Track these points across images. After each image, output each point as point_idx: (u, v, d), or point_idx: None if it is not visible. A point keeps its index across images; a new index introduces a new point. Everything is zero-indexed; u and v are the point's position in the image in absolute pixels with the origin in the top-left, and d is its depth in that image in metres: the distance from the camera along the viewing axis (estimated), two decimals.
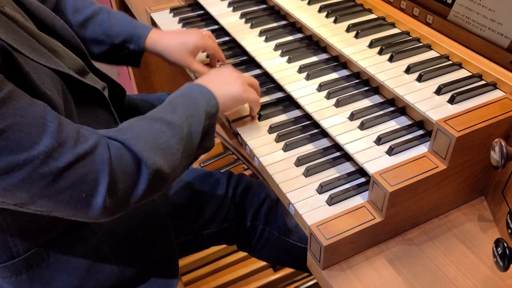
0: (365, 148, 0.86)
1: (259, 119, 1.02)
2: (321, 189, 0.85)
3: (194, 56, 1.12)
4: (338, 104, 0.95)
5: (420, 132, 0.89)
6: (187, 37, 1.11)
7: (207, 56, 1.22)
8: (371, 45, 1.01)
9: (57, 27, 0.93)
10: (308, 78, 1.03)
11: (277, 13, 1.28)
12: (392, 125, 0.91)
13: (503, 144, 0.72)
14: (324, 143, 0.96)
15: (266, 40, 1.16)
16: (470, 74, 0.92)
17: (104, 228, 0.93)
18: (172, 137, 0.79)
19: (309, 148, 0.95)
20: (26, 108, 0.66)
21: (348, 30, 1.07)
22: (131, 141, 0.75)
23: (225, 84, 0.94)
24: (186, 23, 1.35)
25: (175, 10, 1.42)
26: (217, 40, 1.28)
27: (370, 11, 1.14)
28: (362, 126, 0.89)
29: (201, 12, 1.40)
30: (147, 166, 0.74)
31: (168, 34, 1.14)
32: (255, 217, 1.17)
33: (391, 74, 0.93)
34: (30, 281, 0.88)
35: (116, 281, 0.95)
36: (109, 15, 1.11)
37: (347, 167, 0.90)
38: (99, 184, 0.70)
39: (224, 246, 1.71)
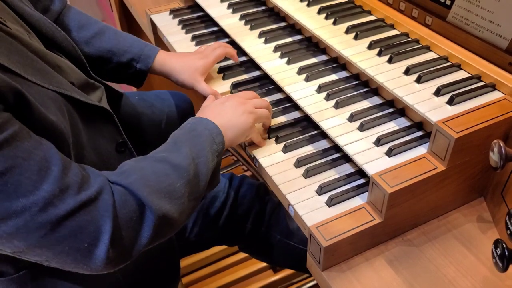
0: (364, 149, 0.86)
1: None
2: (321, 190, 0.85)
3: (203, 76, 1.10)
4: (337, 106, 0.95)
5: (419, 133, 0.89)
6: (195, 58, 1.10)
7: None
8: (371, 46, 1.01)
9: (58, 39, 0.92)
10: (307, 79, 1.03)
11: (277, 14, 1.29)
12: (391, 126, 0.91)
13: (502, 145, 0.73)
14: (323, 144, 0.96)
15: (266, 41, 1.16)
16: (469, 75, 0.92)
17: None
18: (177, 180, 0.75)
19: (308, 149, 0.95)
20: (30, 151, 0.62)
21: (347, 31, 1.07)
22: (134, 185, 0.71)
23: (231, 119, 0.89)
24: (185, 25, 1.35)
25: (174, 12, 1.42)
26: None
27: (369, 12, 1.15)
28: (361, 127, 0.90)
29: (201, 14, 1.41)
30: (152, 212, 0.70)
31: (177, 54, 1.13)
32: (257, 219, 1.17)
33: (390, 76, 0.94)
34: None
35: (118, 286, 0.95)
36: (116, 33, 1.11)
37: (347, 168, 0.91)
38: (102, 233, 0.66)
39: (224, 247, 1.72)
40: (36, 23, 0.88)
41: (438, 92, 0.87)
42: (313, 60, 1.10)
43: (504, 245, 0.69)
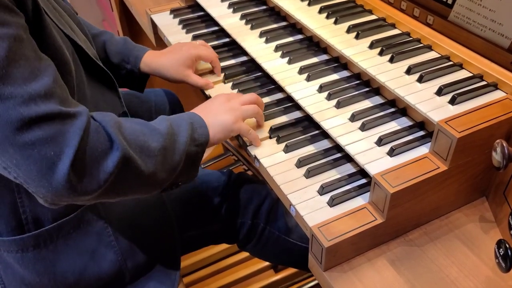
0: (366, 149, 0.86)
1: None
2: (322, 191, 0.85)
3: (191, 69, 1.13)
4: (338, 105, 0.95)
5: (421, 133, 0.89)
6: (180, 51, 1.13)
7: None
8: (372, 46, 1.01)
9: (74, 19, 0.96)
10: (308, 79, 1.03)
11: (278, 14, 1.28)
12: (393, 126, 0.91)
13: (504, 145, 0.72)
14: (325, 144, 0.96)
15: (267, 41, 1.16)
16: (471, 74, 0.92)
17: (110, 213, 0.94)
18: (152, 141, 0.79)
19: (310, 149, 0.95)
20: (28, 57, 0.68)
21: (348, 31, 1.07)
22: (109, 124, 0.75)
23: (217, 114, 0.93)
24: (186, 24, 1.35)
25: (175, 12, 1.42)
26: (217, 42, 1.29)
27: (370, 12, 1.14)
28: (363, 127, 0.89)
29: (201, 13, 1.40)
30: (118, 150, 0.73)
31: (162, 52, 1.16)
32: (256, 216, 1.17)
33: (391, 75, 0.93)
34: (35, 260, 0.89)
35: (118, 269, 0.95)
36: (111, 37, 1.16)
37: (348, 168, 0.90)
38: (67, 147, 0.69)
39: (225, 247, 1.72)
40: (60, 3, 0.94)
41: (440, 92, 0.87)
42: (314, 59, 1.10)
43: (507, 245, 0.69)
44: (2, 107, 0.65)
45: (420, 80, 0.91)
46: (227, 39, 1.29)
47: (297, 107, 1.04)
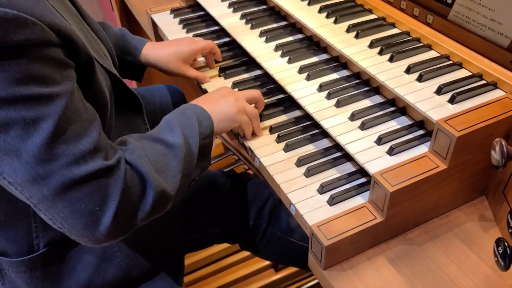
0: (365, 148, 0.86)
1: (260, 119, 1.02)
2: (322, 190, 0.85)
3: (189, 63, 1.15)
4: (338, 105, 0.95)
5: (421, 132, 0.89)
6: (179, 46, 1.14)
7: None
8: (372, 45, 1.01)
9: (100, 35, 0.96)
10: (308, 78, 1.03)
11: (277, 13, 1.28)
12: (392, 125, 0.91)
13: (503, 143, 0.73)
14: (324, 143, 0.96)
15: (267, 40, 1.16)
16: (470, 74, 0.92)
17: None
18: (173, 159, 0.80)
19: (309, 148, 0.95)
20: (78, 109, 0.69)
21: (348, 30, 1.07)
22: (138, 162, 0.76)
23: (219, 105, 0.93)
24: (186, 24, 1.35)
25: (175, 11, 1.42)
26: (217, 41, 1.29)
27: (370, 11, 1.15)
28: (362, 126, 0.90)
29: (202, 13, 1.41)
30: (152, 188, 0.75)
31: (161, 44, 1.16)
32: (258, 216, 1.17)
33: (391, 74, 0.93)
34: (43, 278, 0.89)
35: (123, 278, 0.95)
36: (109, 28, 1.16)
37: (348, 167, 0.91)
38: (111, 201, 0.71)
39: (226, 246, 1.72)
40: (84, 13, 0.93)
41: (439, 91, 0.87)
42: (314, 59, 1.10)
43: (506, 244, 0.69)
44: (56, 166, 0.66)
45: (419, 79, 0.91)
46: (227, 39, 1.29)
47: (297, 106, 1.04)
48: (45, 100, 0.65)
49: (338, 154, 0.93)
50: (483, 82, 0.89)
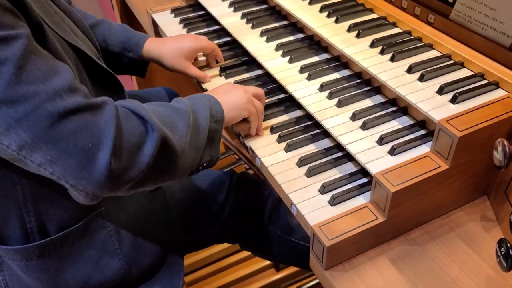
0: (367, 148, 0.86)
1: None
2: (323, 190, 0.85)
3: (191, 60, 1.14)
4: (339, 104, 0.95)
5: (422, 132, 0.89)
6: (182, 42, 1.13)
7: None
8: (373, 45, 1.01)
9: (74, 17, 0.95)
10: (309, 78, 1.03)
11: (278, 13, 1.28)
12: (394, 125, 0.91)
13: (505, 143, 0.72)
14: (326, 143, 0.96)
15: (267, 40, 1.16)
16: (472, 73, 0.91)
17: (115, 221, 0.94)
18: (179, 120, 0.79)
19: (311, 148, 0.95)
20: (44, 56, 0.68)
21: (349, 30, 1.07)
22: (137, 107, 0.74)
23: (230, 95, 0.93)
24: (187, 23, 1.35)
25: (176, 11, 1.42)
26: (218, 41, 1.29)
27: (371, 10, 1.14)
28: (364, 126, 0.89)
29: (202, 12, 1.40)
30: (154, 130, 0.73)
31: (164, 40, 1.16)
32: (258, 216, 1.17)
33: (392, 74, 0.93)
34: (39, 269, 0.89)
35: (123, 276, 0.95)
36: (110, 25, 1.15)
37: (349, 167, 0.90)
38: (105, 136, 0.68)
39: (226, 246, 1.72)
40: (60, 5, 0.92)
41: (441, 91, 0.87)
42: (315, 58, 1.10)
43: (509, 245, 0.69)
44: (28, 106, 0.64)
45: (421, 79, 0.90)
46: (228, 38, 1.29)
47: (298, 106, 1.04)
48: (0, 43, 0.63)
49: (340, 154, 0.93)
50: (485, 81, 0.89)
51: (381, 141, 0.86)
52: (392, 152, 0.83)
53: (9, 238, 0.87)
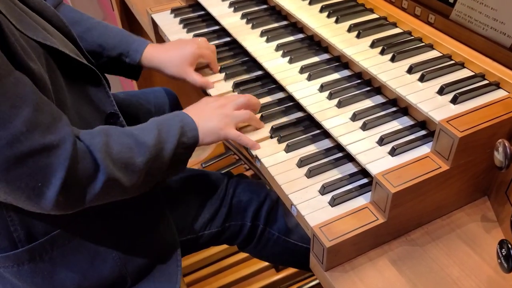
0: (367, 148, 0.85)
1: (261, 120, 1.02)
2: (324, 190, 0.85)
3: (192, 66, 1.12)
4: (340, 105, 0.95)
5: (423, 132, 0.89)
6: (183, 49, 1.12)
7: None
8: (373, 45, 1.01)
9: (47, 13, 0.93)
10: (309, 78, 1.02)
11: (278, 13, 1.28)
12: (394, 125, 0.91)
13: (506, 144, 0.72)
14: (326, 143, 0.96)
15: (267, 40, 1.16)
16: (472, 73, 0.91)
17: (105, 220, 0.94)
18: (138, 156, 0.82)
19: (311, 149, 0.95)
20: (7, 88, 0.68)
21: (349, 30, 1.07)
22: (96, 147, 0.78)
23: (207, 120, 0.94)
24: (187, 24, 1.35)
25: (176, 11, 1.42)
26: (218, 41, 1.28)
27: (371, 11, 1.14)
28: (364, 127, 0.89)
29: (202, 12, 1.40)
30: (104, 173, 0.77)
31: (164, 47, 1.14)
32: (256, 217, 1.17)
33: (393, 74, 0.93)
34: (32, 273, 0.89)
35: (119, 274, 0.95)
36: (106, 29, 1.13)
37: (350, 168, 0.90)
38: (54, 178, 0.72)
39: (226, 246, 1.71)
40: (28, 2, 0.90)
41: (441, 91, 0.87)
42: (315, 59, 1.10)
43: (509, 246, 0.69)
44: None
45: (421, 79, 0.90)
46: (228, 39, 1.29)
47: (298, 106, 1.03)
48: None
49: (340, 154, 0.93)
50: (485, 82, 0.89)
51: (381, 141, 0.86)
52: (393, 152, 0.83)
53: None
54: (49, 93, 0.79)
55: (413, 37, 1.03)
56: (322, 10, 1.15)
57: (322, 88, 0.99)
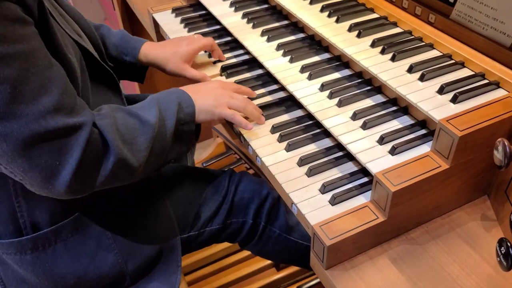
0: (367, 147, 0.86)
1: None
2: (324, 189, 0.85)
3: (189, 63, 1.15)
4: (340, 104, 0.95)
5: (423, 131, 0.89)
6: (178, 45, 1.14)
7: (210, 56, 1.23)
8: (373, 44, 1.01)
9: (77, 16, 0.98)
10: (310, 77, 1.03)
11: (279, 13, 1.28)
12: (394, 124, 0.91)
13: (506, 143, 0.72)
14: (326, 142, 0.96)
15: (268, 40, 1.16)
16: (472, 73, 0.92)
17: (108, 216, 0.95)
18: (142, 135, 0.85)
19: (311, 148, 0.95)
20: (40, 69, 0.72)
21: (350, 29, 1.07)
22: (105, 128, 0.80)
23: (204, 97, 0.97)
24: (188, 23, 1.35)
25: (177, 11, 1.42)
26: (219, 40, 1.29)
27: (372, 10, 1.14)
28: (364, 126, 0.90)
29: (203, 12, 1.41)
30: (114, 154, 0.80)
31: (160, 44, 1.17)
32: (257, 215, 1.17)
33: (393, 74, 0.93)
34: (33, 263, 0.91)
35: (119, 271, 0.96)
36: (108, 30, 1.17)
37: (350, 167, 0.90)
38: (72, 157, 0.75)
39: (227, 245, 1.72)
40: (65, 7, 0.95)
41: (441, 90, 0.87)
42: (316, 58, 1.10)
43: (509, 244, 0.69)
44: (16, 125, 0.70)
45: (421, 78, 0.91)
46: (228, 38, 1.29)
47: (298, 105, 1.04)
48: (1, 63, 0.67)
49: (340, 153, 0.93)
50: (485, 81, 0.89)
51: (381, 140, 0.86)
52: (393, 151, 0.84)
53: (2, 232, 0.89)
54: (77, 87, 0.83)
55: (413, 37, 1.03)
56: (322, 9, 1.15)
57: (322, 87, 1.00)
